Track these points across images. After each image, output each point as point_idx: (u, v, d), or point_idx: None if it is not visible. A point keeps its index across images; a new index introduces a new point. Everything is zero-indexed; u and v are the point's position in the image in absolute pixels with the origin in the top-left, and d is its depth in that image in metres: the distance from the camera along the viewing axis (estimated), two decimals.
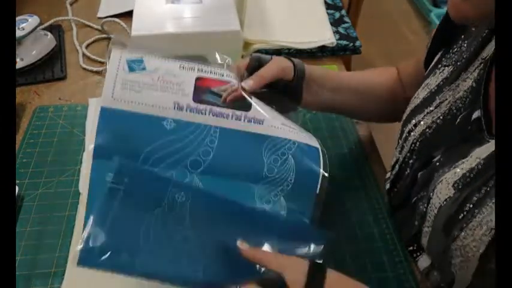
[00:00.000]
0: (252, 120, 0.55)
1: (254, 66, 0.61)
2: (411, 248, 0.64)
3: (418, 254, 0.63)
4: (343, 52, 1.00)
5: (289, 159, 0.54)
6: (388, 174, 0.71)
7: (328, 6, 1.10)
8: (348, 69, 1.12)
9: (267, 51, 0.97)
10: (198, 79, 0.56)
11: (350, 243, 0.65)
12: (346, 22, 1.06)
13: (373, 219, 0.68)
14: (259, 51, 0.96)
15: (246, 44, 0.96)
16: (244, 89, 0.57)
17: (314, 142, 0.57)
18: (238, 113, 0.55)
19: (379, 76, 0.77)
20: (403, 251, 0.65)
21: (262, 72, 0.59)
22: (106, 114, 0.53)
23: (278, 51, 0.97)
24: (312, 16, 1.06)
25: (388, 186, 0.71)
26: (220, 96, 0.56)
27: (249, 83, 0.57)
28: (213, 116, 0.55)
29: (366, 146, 0.80)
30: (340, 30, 1.03)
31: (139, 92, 0.54)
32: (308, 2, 1.10)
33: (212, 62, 0.96)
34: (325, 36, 0.99)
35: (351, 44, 0.99)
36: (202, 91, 0.56)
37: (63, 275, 0.60)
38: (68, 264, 0.61)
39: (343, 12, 1.10)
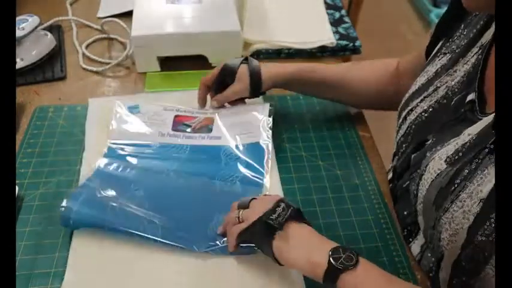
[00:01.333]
0: (212, 137, 0.78)
1: (223, 74, 0.78)
2: (405, 232, 0.66)
3: (411, 239, 0.64)
4: (343, 52, 1.00)
5: (241, 159, 0.74)
6: (391, 164, 0.73)
7: (328, 6, 1.10)
8: None
9: (267, 51, 0.97)
10: (176, 116, 0.80)
11: (350, 242, 0.65)
12: (346, 22, 1.06)
13: (373, 218, 0.68)
14: (259, 51, 0.97)
15: (246, 44, 0.96)
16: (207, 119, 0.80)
17: (261, 137, 0.77)
18: (202, 134, 0.79)
19: (361, 70, 0.81)
20: (404, 250, 0.65)
21: (220, 97, 0.80)
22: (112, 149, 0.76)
23: (278, 51, 0.97)
24: (312, 16, 1.06)
25: (390, 175, 0.72)
26: (190, 125, 0.79)
27: (213, 103, 0.81)
28: (185, 138, 0.78)
29: (366, 146, 0.80)
30: (340, 30, 1.03)
31: (135, 125, 0.79)
32: (308, 2, 1.10)
33: (212, 63, 0.97)
34: (325, 36, 0.99)
35: (351, 44, 0.99)
36: (178, 123, 0.80)
37: (63, 275, 0.60)
38: (68, 264, 0.61)
39: (343, 12, 1.10)
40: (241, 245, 0.60)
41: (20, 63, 0.90)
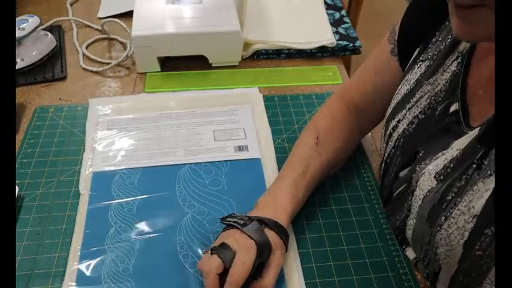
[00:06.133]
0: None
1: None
2: (399, 238, 0.65)
3: (405, 246, 0.64)
4: (343, 52, 1.00)
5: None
6: (379, 171, 0.72)
7: (328, 6, 1.10)
8: (348, 69, 1.12)
9: (267, 52, 0.97)
10: None
11: (350, 242, 0.65)
12: (346, 22, 1.06)
13: (373, 218, 0.68)
14: (259, 51, 0.97)
15: (246, 44, 0.96)
16: None
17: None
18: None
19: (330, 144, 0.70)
20: (404, 250, 0.65)
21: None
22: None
23: (278, 52, 0.97)
24: (312, 16, 1.06)
25: (380, 182, 0.72)
26: None
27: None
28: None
29: (365, 145, 0.80)
30: (340, 30, 1.03)
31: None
32: (308, 2, 1.10)
33: (212, 63, 0.97)
34: (325, 36, 0.99)
35: (351, 44, 0.99)
36: None
37: (63, 275, 0.60)
38: (68, 264, 0.61)
39: (343, 12, 1.10)
40: None
41: (20, 64, 0.90)
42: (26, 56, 0.90)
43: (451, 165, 0.52)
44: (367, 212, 0.69)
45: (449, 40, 0.58)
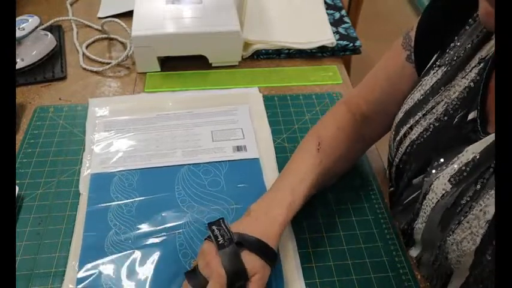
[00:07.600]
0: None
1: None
2: (405, 240, 0.65)
3: (410, 245, 0.64)
4: (343, 52, 1.00)
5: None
6: (388, 175, 0.71)
7: (328, 6, 1.10)
8: (348, 69, 1.12)
9: (267, 52, 0.97)
10: None
11: (350, 242, 0.65)
12: (346, 22, 1.06)
13: (373, 218, 0.68)
14: (259, 51, 0.97)
15: (246, 44, 0.96)
16: None
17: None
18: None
19: (331, 154, 0.67)
20: (404, 250, 0.65)
21: None
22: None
23: (278, 51, 0.97)
24: (312, 16, 1.06)
25: (390, 185, 0.71)
26: None
27: None
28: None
29: None
30: (340, 30, 1.03)
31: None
32: (308, 2, 1.10)
33: (212, 63, 0.97)
34: (325, 36, 0.99)
35: (351, 44, 0.99)
36: None
37: (63, 275, 0.60)
38: (67, 264, 0.61)
39: (343, 12, 1.10)
40: None
41: (20, 64, 0.90)
42: (26, 56, 0.90)
43: (467, 168, 0.51)
44: (367, 212, 0.69)
45: (469, 46, 0.56)
